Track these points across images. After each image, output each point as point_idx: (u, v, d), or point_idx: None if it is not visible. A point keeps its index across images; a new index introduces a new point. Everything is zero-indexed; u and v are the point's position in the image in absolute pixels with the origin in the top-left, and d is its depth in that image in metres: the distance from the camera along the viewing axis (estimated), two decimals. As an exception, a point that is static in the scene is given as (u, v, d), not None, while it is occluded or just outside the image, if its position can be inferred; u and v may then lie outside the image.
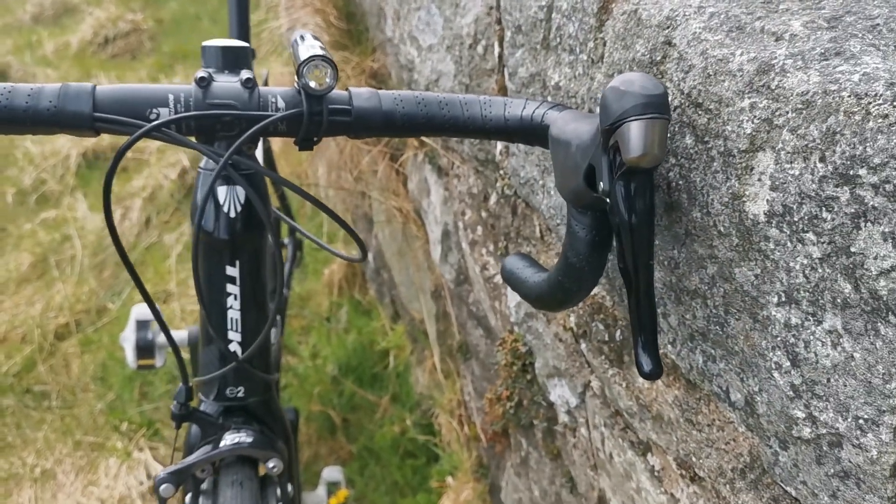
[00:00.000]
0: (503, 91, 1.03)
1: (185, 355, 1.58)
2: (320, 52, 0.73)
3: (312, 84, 0.72)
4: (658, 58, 0.66)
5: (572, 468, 1.06)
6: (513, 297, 1.13)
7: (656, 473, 0.82)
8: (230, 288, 0.88)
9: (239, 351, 0.89)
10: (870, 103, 0.46)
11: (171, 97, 0.73)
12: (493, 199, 1.15)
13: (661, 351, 0.75)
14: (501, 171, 1.09)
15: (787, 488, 0.61)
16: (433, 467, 1.88)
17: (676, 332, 0.71)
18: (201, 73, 0.74)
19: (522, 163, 0.98)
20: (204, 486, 0.88)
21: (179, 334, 1.63)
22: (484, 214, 1.19)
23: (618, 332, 0.84)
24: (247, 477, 0.86)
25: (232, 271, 0.87)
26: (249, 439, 0.87)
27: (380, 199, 1.73)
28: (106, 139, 4.06)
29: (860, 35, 0.52)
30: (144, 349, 1.57)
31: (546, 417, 1.10)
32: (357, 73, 1.67)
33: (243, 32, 1.59)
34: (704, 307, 0.66)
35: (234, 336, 0.89)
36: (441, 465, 1.80)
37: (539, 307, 0.84)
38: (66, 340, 2.72)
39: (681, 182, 0.65)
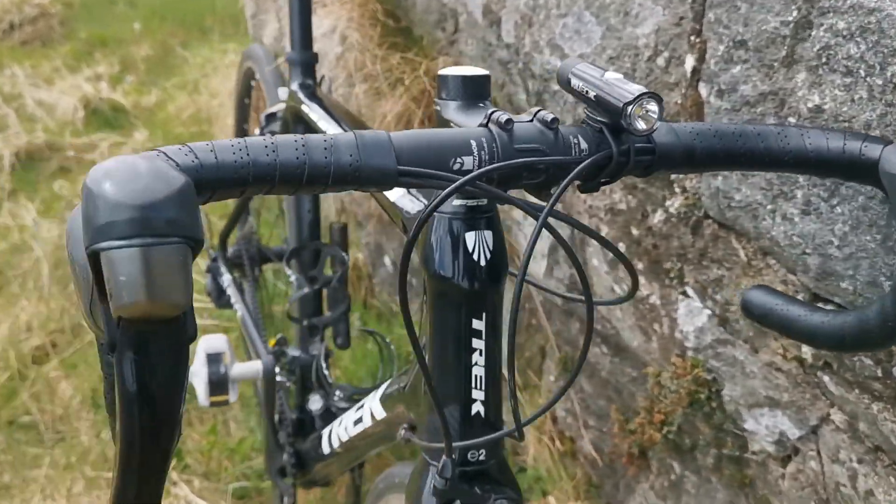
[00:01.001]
0: (698, 107, 0.96)
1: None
2: (644, 89, 0.64)
3: (641, 125, 0.63)
4: None
5: (775, 498, 1.02)
6: (690, 323, 1.07)
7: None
8: (476, 343, 0.79)
9: (482, 411, 0.80)
10: None
11: (473, 144, 0.63)
12: (657, 217, 1.08)
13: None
14: (679, 189, 1.03)
15: None
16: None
17: None
18: (504, 115, 0.64)
19: (737, 185, 0.92)
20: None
21: (252, 366, 1.50)
22: (637, 233, 1.13)
23: (895, 368, 0.79)
24: None
25: (478, 324, 0.78)
26: None
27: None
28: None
29: None
30: (218, 384, 1.44)
31: (737, 445, 1.05)
32: (417, 76, 1.56)
33: (306, 40, 1.45)
34: None
35: (478, 395, 0.80)
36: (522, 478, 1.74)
37: (839, 349, 0.78)
38: (46, 364, 2.50)
39: None
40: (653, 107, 0.63)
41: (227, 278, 1.96)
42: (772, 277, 0.93)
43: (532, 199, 0.70)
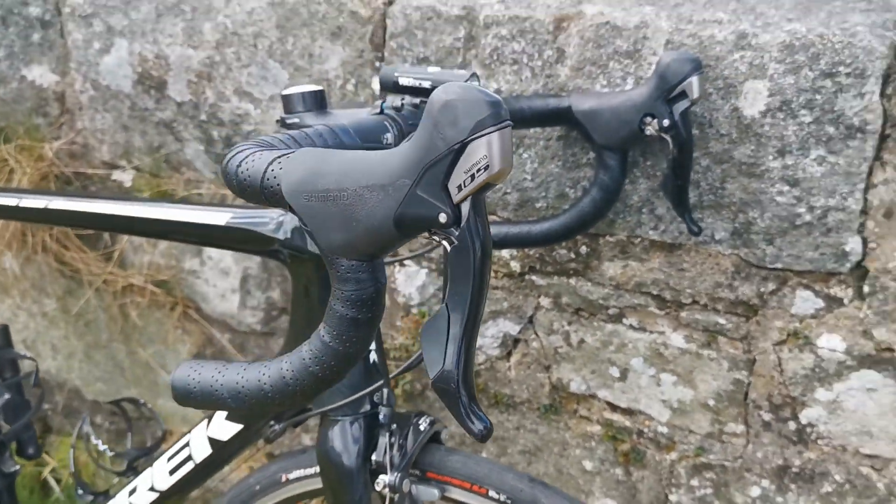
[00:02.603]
0: (390, 115, 1.27)
1: None
2: (471, 70, 0.94)
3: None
4: (636, 48, 1.09)
5: (506, 388, 1.37)
6: (410, 285, 1.36)
7: (637, 325, 1.23)
8: None
9: (376, 358, 0.99)
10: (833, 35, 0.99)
11: (388, 125, 0.86)
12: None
13: (641, 237, 1.18)
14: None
15: (774, 265, 1.11)
16: None
17: (661, 220, 1.15)
18: (396, 101, 0.88)
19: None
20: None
21: None
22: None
23: (582, 248, 1.22)
24: None
25: None
26: None
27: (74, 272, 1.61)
28: None
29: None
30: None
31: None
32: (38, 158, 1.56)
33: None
34: (696, 189, 1.11)
35: (373, 345, 0.98)
36: None
37: (567, 238, 1.16)
38: None
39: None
40: (476, 81, 0.94)
41: None
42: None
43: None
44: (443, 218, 0.56)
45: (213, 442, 1.08)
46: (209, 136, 1.41)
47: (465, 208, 0.56)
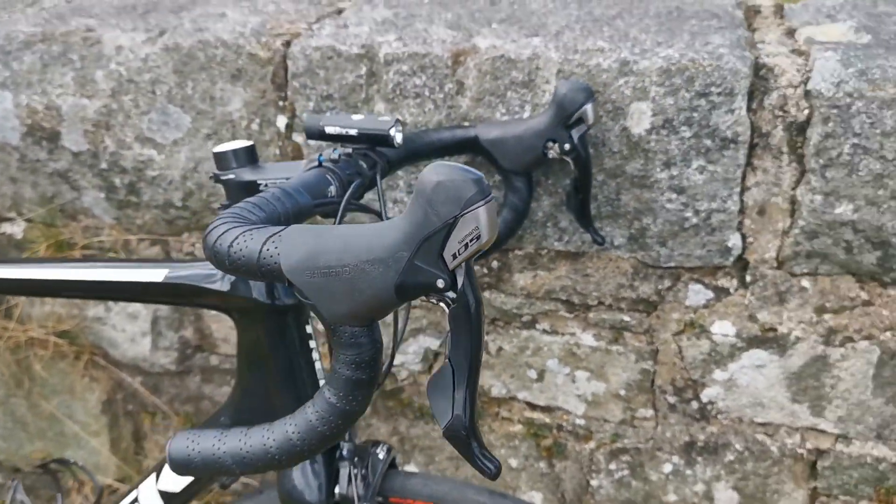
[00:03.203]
0: (297, 150, 1.31)
1: None
2: (396, 117, 1.00)
3: (398, 139, 0.99)
4: (530, 79, 1.18)
5: (424, 399, 1.43)
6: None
7: (549, 330, 1.33)
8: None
9: None
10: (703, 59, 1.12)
11: (331, 179, 0.91)
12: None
13: (549, 249, 1.27)
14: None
15: (668, 264, 1.24)
16: None
17: (564, 232, 1.25)
18: (334, 153, 0.92)
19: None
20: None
21: None
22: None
23: (494, 263, 1.31)
24: None
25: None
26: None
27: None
28: None
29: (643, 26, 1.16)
30: None
31: (393, 381, 1.43)
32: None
33: None
34: (594, 202, 1.22)
35: None
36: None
37: (485, 255, 1.24)
38: None
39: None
40: (399, 127, 0.99)
41: None
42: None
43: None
44: (441, 283, 0.62)
45: (164, 494, 1.09)
46: (111, 183, 1.39)
47: (460, 273, 0.62)
